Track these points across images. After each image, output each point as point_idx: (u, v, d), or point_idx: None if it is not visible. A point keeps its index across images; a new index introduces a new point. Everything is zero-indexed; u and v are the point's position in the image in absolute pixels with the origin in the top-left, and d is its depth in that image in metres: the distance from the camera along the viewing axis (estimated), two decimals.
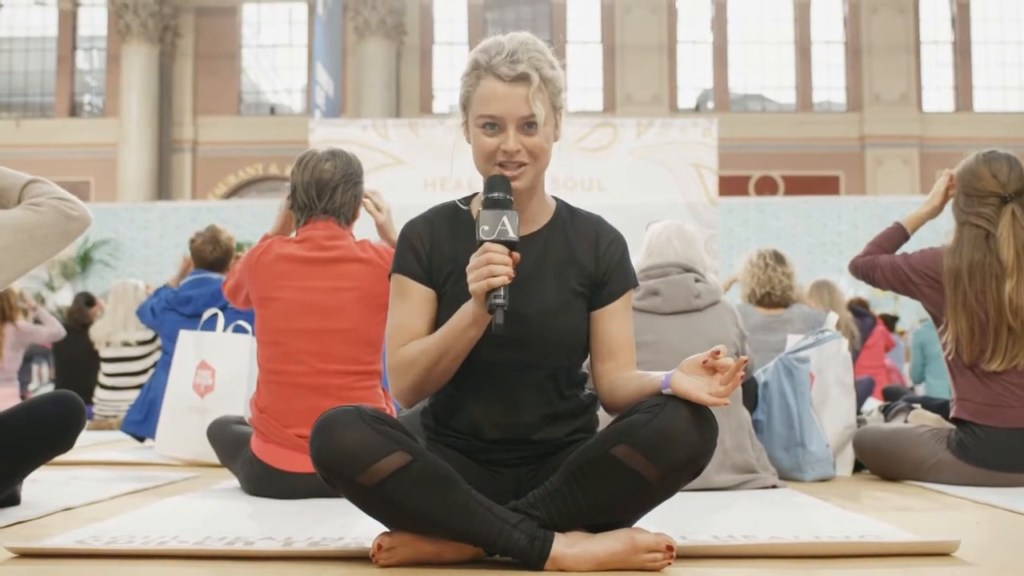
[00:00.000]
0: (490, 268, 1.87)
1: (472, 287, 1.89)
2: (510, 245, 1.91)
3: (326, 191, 3.22)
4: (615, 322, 2.12)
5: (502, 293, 1.87)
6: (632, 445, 1.89)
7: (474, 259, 1.90)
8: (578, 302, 2.11)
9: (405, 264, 2.12)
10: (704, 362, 1.87)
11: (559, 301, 2.08)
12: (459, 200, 2.18)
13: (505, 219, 1.91)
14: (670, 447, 1.88)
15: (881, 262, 3.73)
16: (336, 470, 1.91)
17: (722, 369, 1.86)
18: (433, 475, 1.91)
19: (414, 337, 2.07)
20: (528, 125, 2.00)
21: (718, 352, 1.85)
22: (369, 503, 1.95)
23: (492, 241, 1.90)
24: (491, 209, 1.93)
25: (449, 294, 2.08)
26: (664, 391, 1.92)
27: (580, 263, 2.12)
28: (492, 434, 2.08)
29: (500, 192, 1.95)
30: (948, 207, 3.75)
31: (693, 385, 1.87)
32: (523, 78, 1.99)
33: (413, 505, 1.90)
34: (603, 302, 2.12)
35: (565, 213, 2.17)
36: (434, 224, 2.14)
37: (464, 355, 2.01)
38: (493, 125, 2.01)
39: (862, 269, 3.80)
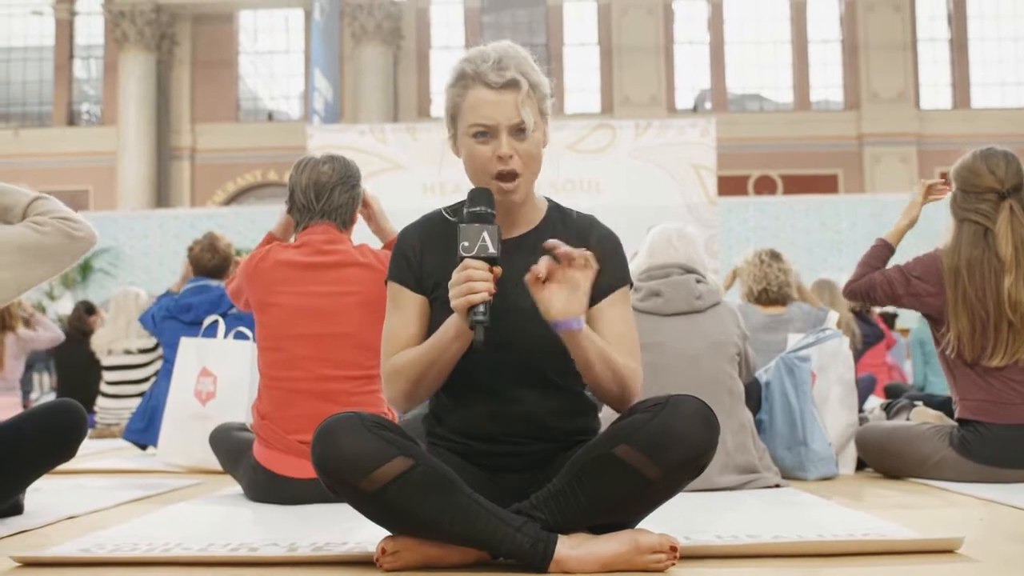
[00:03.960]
0: (470, 285, 1.87)
1: (453, 303, 1.89)
2: (490, 260, 1.90)
3: (324, 192, 3.22)
4: (608, 314, 2.10)
5: (482, 310, 1.86)
6: (634, 444, 1.90)
7: (455, 275, 1.90)
8: None
9: (397, 272, 2.14)
10: (548, 267, 1.90)
11: None
12: (444, 209, 2.17)
13: (485, 234, 1.90)
14: (672, 446, 1.89)
15: (877, 280, 3.73)
16: (338, 476, 1.91)
17: (566, 255, 1.89)
18: (435, 479, 1.91)
19: (406, 344, 2.08)
20: (519, 131, 2.01)
21: (554, 246, 1.89)
22: (371, 509, 1.96)
23: (472, 257, 1.89)
24: (471, 223, 1.92)
25: (440, 299, 2.07)
26: (576, 329, 1.92)
27: None
28: (493, 428, 2.07)
29: (481, 206, 1.94)
30: (947, 204, 3.74)
31: (568, 286, 1.90)
32: (512, 84, 2.00)
33: (415, 510, 1.90)
34: (597, 298, 2.08)
35: (556, 213, 2.18)
36: (426, 232, 2.15)
37: (451, 366, 2.02)
38: (485, 133, 2.01)
39: (860, 291, 3.77)
